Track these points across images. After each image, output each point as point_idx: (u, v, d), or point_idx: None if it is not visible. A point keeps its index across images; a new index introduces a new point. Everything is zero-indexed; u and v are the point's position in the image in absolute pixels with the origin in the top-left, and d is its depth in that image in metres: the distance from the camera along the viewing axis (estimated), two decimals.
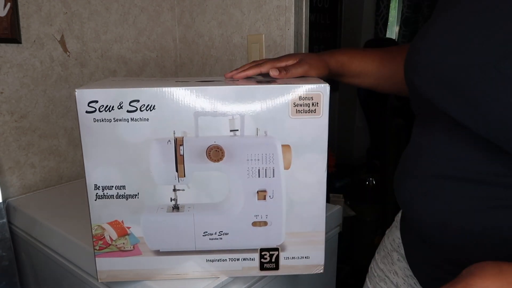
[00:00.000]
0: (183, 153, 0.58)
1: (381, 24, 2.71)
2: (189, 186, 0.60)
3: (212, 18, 1.26)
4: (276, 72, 0.61)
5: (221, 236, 0.62)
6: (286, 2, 1.07)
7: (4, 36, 0.96)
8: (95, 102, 0.55)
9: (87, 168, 0.58)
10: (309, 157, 0.59)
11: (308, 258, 0.64)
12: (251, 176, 0.59)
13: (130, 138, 0.57)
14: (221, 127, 0.57)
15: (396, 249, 0.66)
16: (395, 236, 0.67)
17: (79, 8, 1.11)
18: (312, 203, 0.61)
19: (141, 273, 0.63)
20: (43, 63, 1.05)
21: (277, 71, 0.61)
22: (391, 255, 0.66)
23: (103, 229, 0.61)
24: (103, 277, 0.63)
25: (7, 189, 1.04)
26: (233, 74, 0.65)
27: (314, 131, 0.57)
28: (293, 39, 1.09)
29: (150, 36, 1.31)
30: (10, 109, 1.01)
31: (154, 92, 0.55)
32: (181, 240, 0.62)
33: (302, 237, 0.63)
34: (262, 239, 0.62)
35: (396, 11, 2.81)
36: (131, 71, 1.28)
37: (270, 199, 0.60)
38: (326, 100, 0.56)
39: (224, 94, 0.56)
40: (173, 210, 0.61)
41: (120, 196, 0.59)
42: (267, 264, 0.64)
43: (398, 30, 2.78)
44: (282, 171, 0.59)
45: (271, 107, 0.56)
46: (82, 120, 0.56)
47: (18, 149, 1.04)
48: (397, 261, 0.65)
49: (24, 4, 0.99)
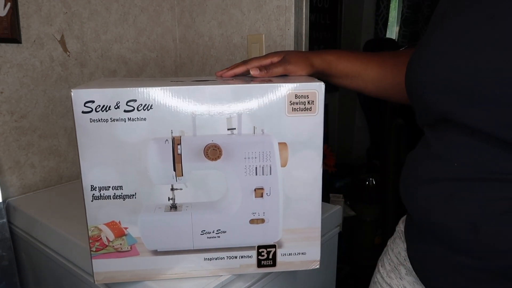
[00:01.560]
0: (180, 152, 0.58)
1: (381, 24, 2.71)
2: (187, 185, 0.60)
3: (212, 18, 1.26)
4: (256, 71, 0.64)
5: (219, 235, 0.62)
6: (286, 2, 1.08)
7: (4, 36, 0.96)
8: (92, 102, 0.55)
9: (83, 169, 0.58)
10: (305, 154, 0.59)
11: (305, 254, 0.64)
12: (249, 174, 0.59)
13: (127, 138, 0.57)
14: (218, 126, 0.57)
15: (403, 263, 0.63)
16: (400, 248, 0.65)
17: (79, 8, 1.11)
18: (308, 199, 0.62)
19: (138, 273, 0.63)
20: (43, 63, 1.06)
21: (258, 70, 0.63)
22: (398, 269, 0.64)
23: (100, 230, 0.60)
24: (100, 278, 0.63)
25: (7, 189, 1.04)
26: (223, 73, 0.67)
27: (309, 129, 0.58)
28: (293, 39, 1.09)
29: (150, 36, 1.32)
30: (10, 109, 1.01)
31: (152, 92, 0.55)
32: (179, 239, 0.62)
33: (298, 233, 0.63)
34: (260, 236, 0.62)
35: (396, 11, 2.80)
36: (131, 71, 1.29)
37: (267, 197, 0.61)
38: (321, 98, 0.57)
39: (221, 93, 0.56)
40: (170, 209, 0.61)
41: (117, 196, 0.59)
42: (264, 261, 0.64)
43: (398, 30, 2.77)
44: (279, 168, 0.59)
45: (267, 106, 0.57)
46: (78, 121, 0.55)
47: (18, 149, 1.04)
48: (405, 276, 0.63)
49: (24, 4, 1.00)
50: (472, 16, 0.43)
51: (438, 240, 0.51)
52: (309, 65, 0.66)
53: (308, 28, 1.13)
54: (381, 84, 0.69)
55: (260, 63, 0.66)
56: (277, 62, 0.66)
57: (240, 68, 0.67)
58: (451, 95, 0.44)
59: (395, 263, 0.65)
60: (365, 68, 0.69)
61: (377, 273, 0.69)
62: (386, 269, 0.67)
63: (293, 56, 0.66)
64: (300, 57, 0.66)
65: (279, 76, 0.65)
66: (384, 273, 0.67)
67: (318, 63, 0.67)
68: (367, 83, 0.70)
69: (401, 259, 0.64)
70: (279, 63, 0.65)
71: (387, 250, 0.69)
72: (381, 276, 0.68)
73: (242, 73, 0.68)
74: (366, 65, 0.69)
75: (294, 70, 0.65)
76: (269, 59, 0.67)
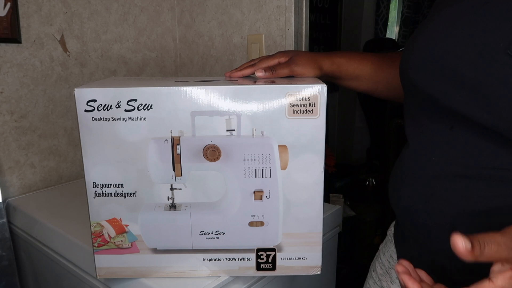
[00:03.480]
0: (180, 153, 0.58)
1: (381, 24, 2.71)
2: (186, 185, 0.60)
3: (212, 18, 1.26)
4: (261, 73, 0.63)
5: (217, 236, 0.62)
6: (286, 2, 1.08)
7: (4, 36, 0.96)
8: (94, 101, 0.56)
9: (86, 166, 0.59)
10: (305, 157, 0.58)
11: (305, 259, 0.64)
12: (248, 176, 0.59)
13: (128, 137, 0.57)
14: (217, 127, 0.57)
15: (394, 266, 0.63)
16: (391, 252, 0.65)
17: (79, 8, 1.11)
18: (309, 204, 0.61)
19: (138, 270, 0.64)
20: (43, 63, 1.06)
21: (263, 71, 0.63)
22: (389, 273, 0.64)
23: (102, 227, 0.61)
24: (102, 273, 0.64)
25: (7, 189, 1.04)
26: (232, 73, 0.66)
27: (311, 132, 0.57)
28: (293, 39, 1.09)
29: (150, 36, 1.32)
30: (10, 109, 1.01)
31: (152, 92, 0.56)
32: (178, 238, 0.62)
33: (299, 238, 0.62)
34: (259, 239, 0.62)
35: (396, 11, 2.80)
36: (131, 71, 1.29)
37: (266, 199, 0.60)
38: (323, 101, 0.56)
39: (221, 93, 0.56)
40: (170, 208, 0.61)
41: (118, 194, 0.60)
42: (263, 264, 0.64)
43: (398, 30, 2.78)
44: (279, 171, 0.59)
45: (267, 107, 0.56)
46: (81, 119, 0.57)
47: (18, 149, 1.05)
48: (396, 279, 0.63)
49: (24, 4, 1.00)
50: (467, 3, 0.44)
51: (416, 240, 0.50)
52: (317, 68, 0.65)
53: (308, 28, 1.13)
54: (391, 85, 0.68)
55: (267, 64, 0.65)
56: (284, 63, 0.65)
57: (249, 70, 0.66)
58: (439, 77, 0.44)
59: (387, 267, 0.65)
60: (376, 69, 0.68)
61: (369, 278, 0.69)
62: (377, 273, 0.67)
63: (300, 58, 0.65)
64: (308, 59, 0.65)
65: (285, 77, 0.64)
66: (376, 277, 0.67)
67: (327, 65, 0.66)
68: (378, 84, 0.69)
69: (393, 262, 0.64)
70: (286, 64, 0.64)
71: (379, 254, 0.69)
72: (374, 282, 0.67)
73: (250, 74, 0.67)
74: (376, 66, 0.68)
75: (300, 72, 0.64)
76: (277, 59, 0.66)
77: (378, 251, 0.70)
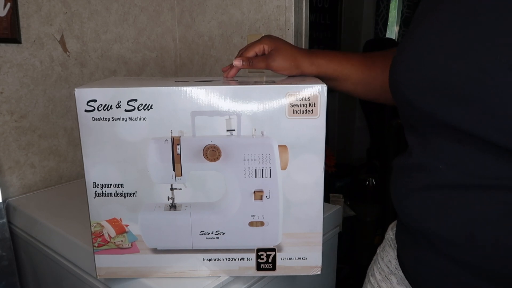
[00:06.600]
0: (180, 153, 0.58)
1: (381, 24, 2.71)
2: (186, 185, 0.60)
3: (212, 18, 1.26)
4: (238, 62, 0.65)
5: (217, 236, 0.62)
6: (286, 2, 1.08)
7: (4, 36, 0.96)
8: (94, 101, 0.56)
9: (86, 166, 0.59)
10: (306, 158, 0.58)
11: (305, 259, 0.64)
12: (248, 176, 0.59)
13: (128, 137, 0.57)
14: (217, 127, 0.57)
15: (394, 272, 0.62)
16: (390, 257, 0.64)
17: (79, 8, 1.11)
18: (309, 204, 0.61)
19: (138, 270, 0.64)
20: (43, 63, 1.06)
21: (240, 61, 0.65)
22: (389, 279, 0.63)
23: (102, 227, 0.61)
24: (102, 273, 0.64)
25: (7, 189, 1.04)
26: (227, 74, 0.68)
27: (311, 132, 0.57)
28: (293, 39, 1.09)
29: (150, 36, 1.32)
30: (10, 109, 1.01)
31: (152, 92, 0.56)
32: (178, 238, 0.62)
33: (299, 238, 0.62)
34: (259, 239, 0.62)
35: (396, 11, 2.81)
36: (131, 71, 1.29)
37: (266, 199, 0.60)
38: (323, 101, 0.56)
39: (221, 94, 0.56)
40: (170, 208, 0.61)
41: (118, 194, 0.60)
42: (264, 264, 0.64)
43: (398, 30, 2.78)
44: (279, 171, 0.59)
45: (267, 107, 0.56)
46: (82, 119, 0.57)
47: (18, 149, 1.05)
48: (396, 285, 0.61)
49: (24, 4, 1.00)
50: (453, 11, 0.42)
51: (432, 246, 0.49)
52: (295, 67, 0.65)
53: (308, 28, 1.13)
54: (370, 86, 0.68)
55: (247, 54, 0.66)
56: (262, 56, 0.65)
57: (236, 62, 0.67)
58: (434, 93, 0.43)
59: (386, 272, 0.64)
60: (355, 71, 0.67)
61: (367, 283, 0.68)
62: (376, 279, 0.65)
63: (280, 53, 0.64)
64: (288, 56, 0.64)
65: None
66: (375, 283, 0.65)
67: (306, 66, 0.66)
68: (356, 85, 0.69)
69: (392, 268, 0.63)
70: (264, 57, 0.65)
71: (377, 259, 0.68)
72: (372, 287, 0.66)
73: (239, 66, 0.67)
74: (356, 68, 0.67)
75: (276, 68, 0.64)
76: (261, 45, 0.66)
77: (375, 256, 0.69)
